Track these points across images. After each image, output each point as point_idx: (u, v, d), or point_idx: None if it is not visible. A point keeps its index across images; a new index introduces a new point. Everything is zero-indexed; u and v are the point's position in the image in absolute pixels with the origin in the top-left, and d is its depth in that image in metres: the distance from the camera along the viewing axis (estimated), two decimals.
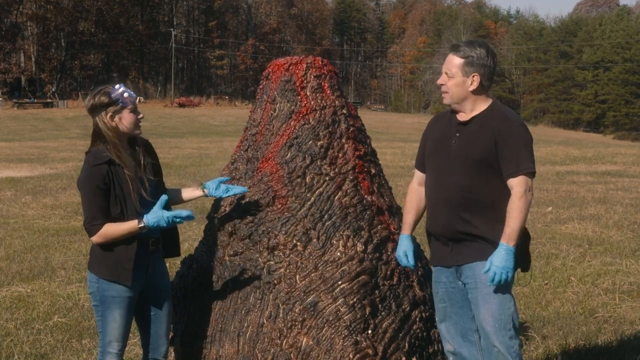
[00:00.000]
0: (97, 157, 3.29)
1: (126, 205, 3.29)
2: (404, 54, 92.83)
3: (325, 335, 3.35)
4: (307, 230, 3.48)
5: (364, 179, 3.66)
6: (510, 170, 3.17)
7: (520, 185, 3.15)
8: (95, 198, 3.25)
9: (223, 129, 36.47)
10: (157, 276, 3.50)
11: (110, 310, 3.36)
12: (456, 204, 3.24)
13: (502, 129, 3.20)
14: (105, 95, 3.31)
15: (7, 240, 8.61)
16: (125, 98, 3.32)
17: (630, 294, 6.23)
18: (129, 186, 3.30)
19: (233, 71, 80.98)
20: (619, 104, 65.60)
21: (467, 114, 3.32)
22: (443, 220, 3.31)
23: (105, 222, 3.26)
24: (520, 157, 3.17)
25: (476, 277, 3.24)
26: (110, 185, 3.26)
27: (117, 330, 3.38)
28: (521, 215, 3.12)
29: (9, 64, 58.76)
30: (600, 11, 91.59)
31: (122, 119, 3.33)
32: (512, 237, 3.12)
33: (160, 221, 3.23)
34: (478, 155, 3.21)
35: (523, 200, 3.13)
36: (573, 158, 20.89)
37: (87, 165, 3.30)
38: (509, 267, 3.12)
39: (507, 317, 3.22)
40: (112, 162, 3.29)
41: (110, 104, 3.31)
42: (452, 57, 3.29)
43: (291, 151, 3.63)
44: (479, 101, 3.30)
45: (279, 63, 3.85)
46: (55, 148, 23.23)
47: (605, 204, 11.48)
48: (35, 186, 13.54)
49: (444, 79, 3.32)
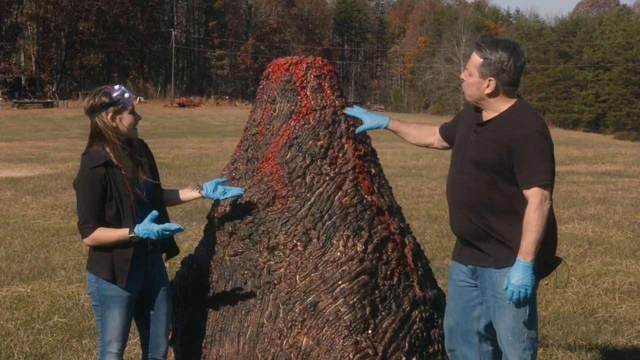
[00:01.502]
0: (94, 159, 3.28)
1: (123, 206, 3.28)
2: (404, 53, 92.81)
3: (325, 335, 3.35)
4: (307, 230, 3.48)
5: (364, 179, 3.66)
6: (523, 181, 3.05)
7: (535, 197, 3.02)
8: (90, 201, 3.25)
9: (223, 129, 36.47)
10: (157, 276, 3.50)
11: (109, 309, 3.36)
12: (468, 204, 3.21)
13: (517, 138, 3.05)
14: (106, 95, 3.30)
15: (7, 240, 8.61)
16: (126, 99, 3.32)
17: (630, 294, 6.23)
18: (126, 187, 3.30)
19: (233, 71, 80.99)
20: (620, 104, 65.59)
21: (487, 114, 3.22)
22: (458, 218, 3.30)
23: (97, 226, 3.26)
24: (533, 169, 3.02)
25: (495, 286, 3.19)
26: (107, 187, 3.26)
27: (117, 330, 3.39)
28: (537, 228, 3.00)
29: (9, 63, 58.76)
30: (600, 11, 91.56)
31: (122, 119, 3.33)
32: (529, 251, 3.01)
33: (150, 234, 3.24)
34: (489, 161, 3.12)
35: (538, 212, 3.01)
36: (573, 158, 20.88)
37: (84, 167, 3.29)
38: (527, 284, 3.01)
39: (521, 329, 3.16)
40: (109, 163, 3.28)
41: (111, 104, 3.30)
42: (474, 55, 3.16)
43: (291, 151, 3.63)
44: (498, 102, 3.16)
45: (279, 63, 3.85)
46: (55, 148, 23.22)
47: (605, 204, 11.47)
48: (35, 186, 13.54)
49: (465, 75, 3.21)
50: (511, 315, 3.16)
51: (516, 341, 3.18)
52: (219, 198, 3.54)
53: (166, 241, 3.57)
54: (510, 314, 3.17)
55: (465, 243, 3.31)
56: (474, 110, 3.30)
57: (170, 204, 3.63)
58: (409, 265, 3.65)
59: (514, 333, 3.17)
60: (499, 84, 3.11)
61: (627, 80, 65.98)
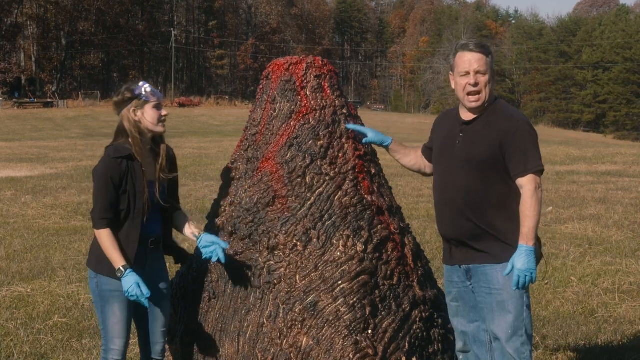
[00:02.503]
0: (118, 150, 3.35)
1: (135, 202, 3.32)
2: (405, 53, 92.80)
3: (325, 335, 3.35)
4: (307, 230, 3.48)
5: (364, 179, 3.66)
6: (518, 170, 3.15)
7: (531, 184, 3.14)
8: (107, 191, 3.29)
9: (223, 129, 36.48)
10: (156, 275, 3.51)
11: (109, 304, 3.38)
12: (461, 205, 3.24)
13: (508, 130, 3.17)
14: (129, 91, 3.41)
15: (7, 240, 8.61)
16: (147, 93, 3.39)
17: (630, 294, 6.23)
18: (142, 184, 3.34)
19: (233, 71, 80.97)
20: (620, 104, 65.59)
21: (469, 115, 3.29)
22: (449, 221, 3.31)
23: (111, 221, 3.29)
24: (527, 156, 3.15)
25: (490, 282, 3.23)
26: (123, 180, 3.30)
27: (118, 325, 3.40)
28: (534, 213, 3.12)
29: (9, 63, 58.76)
30: (600, 11, 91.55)
31: (145, 113, 3.40)
32: (530, 236, 3.11)
33: (129, 292, 3.26)
34: (481, 156, 3.19)
35: (535, 198, 3.12)
36: (573, 158, 20.88)
37: (107, 156, 3.34)
38: (532, 268, 3.11)
39: (520, 323, 3.20)
40: (131, 157, 3.33)
41: (133, 98, 3.39)
42: (478, 55, 3.18)
43: (291, 151, 3.62)
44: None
45: (279, 63, 3.85)
46: (55, 148, 23.23)
47: (605, 204, 11.48)
48: (35, 186, 13.54)
49: (477, 78, 3.19)
50: (512, 310, 3.20)
51: (515, 334, 3.21)
52: (205, 256, 3.49)
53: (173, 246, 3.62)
54: (510, 308, 3.20)
55: (457, 244, 3.33)
56: (454, 114, 3.38)
57: (175, 228, 3.64)
58: (409, 265, 3.65)
59: (513, 327, 3.20)
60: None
61: (626, 80, 65.99)
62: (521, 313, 3.20)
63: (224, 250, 3.44)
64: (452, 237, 3.34)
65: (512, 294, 3.18)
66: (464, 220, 3.24)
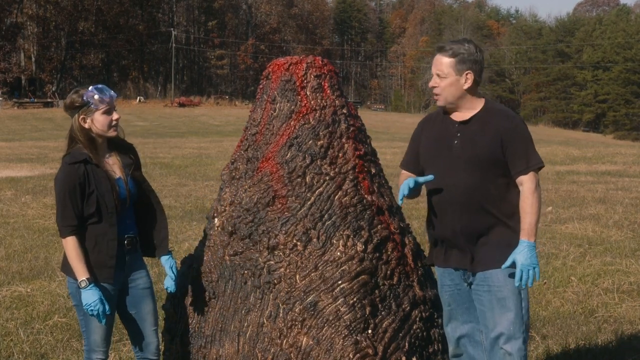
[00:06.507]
0: (74, 156, 3.32)
1: (106, 203, 3.31)
2: (405, 53, 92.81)
3: (325, 335, 3.35)
4: (307, 230, 3.48)
5: (364, 179, 3.66)
6: (520, 167, 3.22)
7: (531, 181, 3.21)
8: (70, 198, 3.26)
9: (223, 129, 36.48)
10: (136, 274, 3.51)
11: None
12: (463, 204, 3.25)
13: (507, 128, 3.23)
14: (77, 96, 3.35)
15: (7, 240, 8.61)
16: (95, 100, 3.32)
17: (630, 294, 6.23)
18: (108, 185, 3.32)
19: (233, 71, 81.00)
20: (619, 104, 65.61)
21: (465, 113, 3.31)
22: (450, 222, 3.31)
23: (76, 229, 3.27)
24: (528, 154, 3.23)
25: (489, 279, 3.25)
26: (85, 184, 3.28)
27: (100, 328, 3.41)
28: (535, 210, 3.18)
29: (9, 63, 58.79)
30: (600, 11, 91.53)
31: (94, 120, 3.35)
32: (531, 232, 3.18)
33: (90, 306, 3.26)
34: (485, 155, 3.22)
35: (535, 194, 3.20)
36: (573, 158, 20.88)
37: (64, 164, 3.32)
38: (535, 263, 3.16)
39: (520, 321, 3.22)
40: (88, 161, 3.31)
41: (81, 105, 3.33)
42: (441, 58, 3.27)
43: (291, 151, 3.62)
44: (474, 100, 3.31)
45: (279, 63, 3.84)
46: (56, 148, 23.21)
47: (605, 204, 11.48)
48: (35, 186, 13.54)
49: (435, 81, 3.31)
50: (511, 307, 3.21)
51: (517, 332, 3.22)
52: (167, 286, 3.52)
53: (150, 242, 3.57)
54: (510, 305, 3.21)
55: (456, 246, 3.32)
56: (440, 116, 3.40)
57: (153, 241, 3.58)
58: (409, 265, 3.65)
59: (515, 324, 3.21)
60: (475, 76, 3.27)
61: (626, 80, 66.00)
62: (521, 311, 3.22)
63: (174, 280, 3.49)
64: (453, 237, 3.34)
65: (513, 292, 3.20)
66: (466, 219, 3.25)
